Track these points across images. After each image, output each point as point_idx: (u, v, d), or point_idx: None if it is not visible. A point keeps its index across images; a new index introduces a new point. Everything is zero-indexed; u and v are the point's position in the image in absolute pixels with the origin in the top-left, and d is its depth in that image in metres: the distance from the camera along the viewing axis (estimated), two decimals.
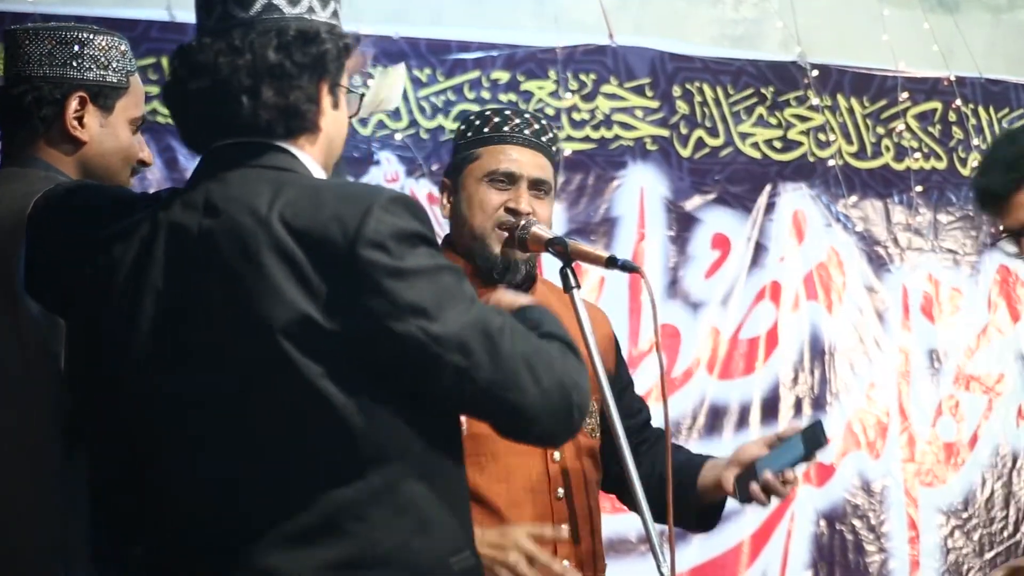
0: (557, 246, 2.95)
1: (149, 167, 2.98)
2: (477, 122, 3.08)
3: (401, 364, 2.13)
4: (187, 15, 4.68)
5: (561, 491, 2.97)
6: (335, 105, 2.27)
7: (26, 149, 2.70)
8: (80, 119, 2.70)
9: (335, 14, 2.29)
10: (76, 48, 2.70)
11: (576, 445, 3.02)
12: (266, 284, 2.09)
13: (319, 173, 2.25)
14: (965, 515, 5.54)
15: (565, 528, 2.96)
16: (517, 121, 3.05)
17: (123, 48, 2.76)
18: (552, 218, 3.08)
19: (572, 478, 3.00)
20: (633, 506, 2.90)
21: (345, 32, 2.27)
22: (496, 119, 3.06)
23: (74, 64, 2.70)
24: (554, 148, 3.10)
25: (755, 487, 3.04)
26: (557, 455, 2.98)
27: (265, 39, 2.19)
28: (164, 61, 4.70)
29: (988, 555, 5.56)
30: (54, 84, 2.68)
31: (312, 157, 2.25)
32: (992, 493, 5.61)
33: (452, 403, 2.21)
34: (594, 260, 2.97)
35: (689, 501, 3.05)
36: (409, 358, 2.12)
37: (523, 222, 2.98)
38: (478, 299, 2.20)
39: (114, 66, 2.73)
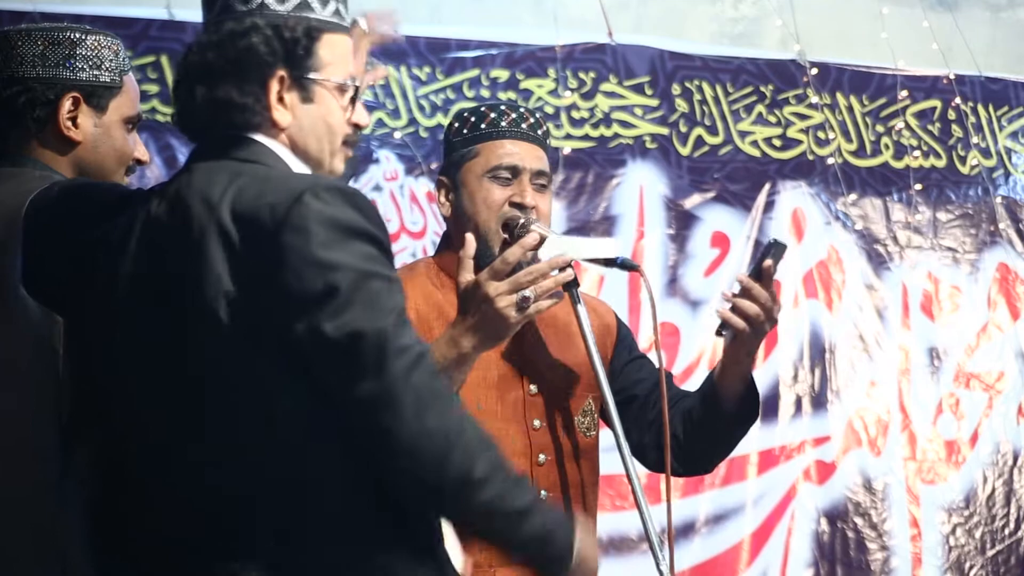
0: None
1: (146, 165, 2.95)
2: (472, 118, 3.06)
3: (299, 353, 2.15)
4: (186, 13, 4.71)
5: (544, 493, 2.93)
6: (305, 99, 2.30)
7: (20, 150, 2.69)
8: (74, 119, 2.69)
9: (300, 6, 2.30)
10: (68, 48, 2.69)
11: (567, 448, 3.00)
12: (206, 267, 2.16)
13: (296, 164, 2.30)
14: (967, 513, 5.54)
15: None
16: (513, 116, 3.04)
17: (116, 47, 2.75)
18: (551, 210, 3.08)
19: (557, 480, 2.97)
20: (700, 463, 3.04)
21: (317, 25, 2.30)
22: (492, 115, 3.05)
23: (67, 64, 2.69)
24: (548, 141, 3.11)
25: (723, 310, 2.99)
26: (543, 457, 2.96)
27: (216, 36, 2.28)
28: (164, 59, 4.71)
29: (990, 552, 5.57)
30: (47, 85, 2.68)
31: (287, 148, 2.30)
32: (993, 491, 5.61)
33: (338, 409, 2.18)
34: (593, 258, 2.97)
35: (720, 408, 3.05)
36: (300, 351, 2.13)
37: (522, 220, 2.97)
38: (404, 315, 2.16)
39: (107, 65, 2.72)
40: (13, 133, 2.70)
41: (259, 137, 2.28)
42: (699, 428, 3.03)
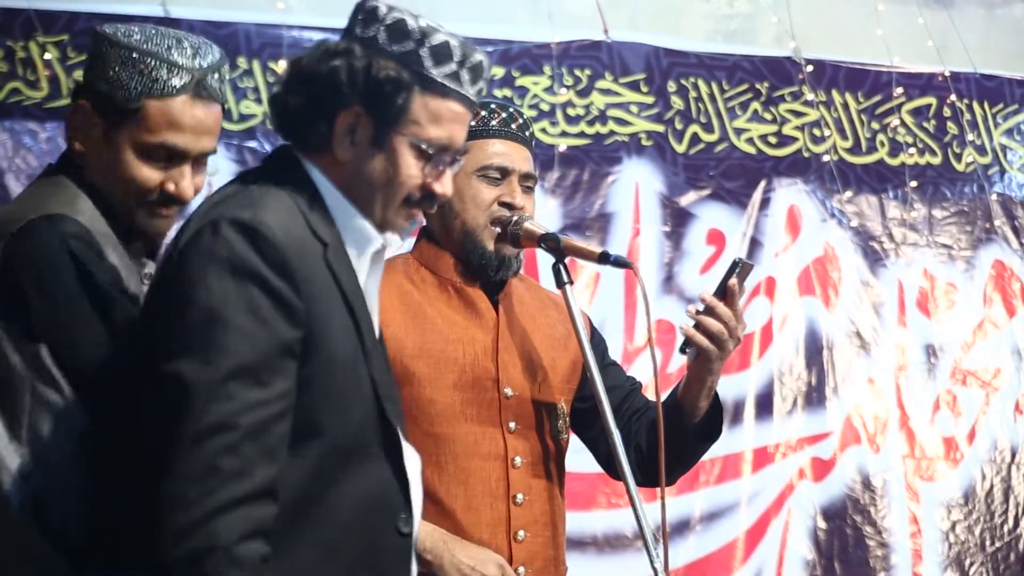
0: (550, 242, 2.94)
1: (184, 203, 2.57)
2: None
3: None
4: (182, 11, 4.71)
5: (521, 496, 2.94)
6: (376, 144, 2.25)
7: (69, 157, 2.58)
8: (83, 132, 2.53)
9: (409, 55, 2.25)
10: (93, 55, 2.53)
11: (542, 450, 2.99)
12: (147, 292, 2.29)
13: (340, 202, 2.28)
14: (966, 509, 5.54)
15: (522, 533, 2.94)
16: (504, 115, 3.04)
17: (149, 66, 2.46)
18: (535, 211, 3.07)
19: (533, 483, 2.97)
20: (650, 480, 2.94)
21: (418, 80, 2.24)
22: (483, 112, 3.03)
23: (90, 71, 2.53)
24: (534, 143, 3.10)
25: (687, 328, 2.97)
26: (519, 460, 2.95)
27: (319, 49, 2.28)
28: None
29: (990, 549, 5.57)
30: (77, 90, 2.55)
31: (336, 183, 2.28)
32: (992, 487, 5.61)
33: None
34: (586, 256, 2.96)
35: (683, 423, 3.02)
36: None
37: (515, 218, 2.96)
38: (250, 369, 2.11)
39: (125, 83, 2.46)
40: None
41: (312, 163, 2.27)
42: (653, 450, 2.97)
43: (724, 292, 2.98)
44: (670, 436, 2.91)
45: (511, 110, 3.06)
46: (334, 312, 2.22)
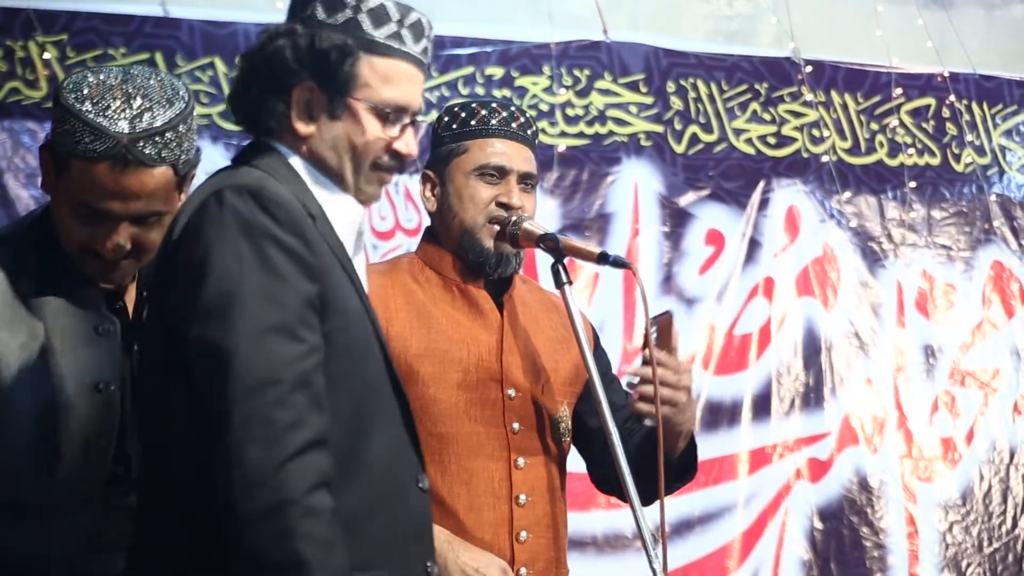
0: (548, 242, 2.93)
1: (118, 254, 2.47)
2: (463, 114, 3.04)
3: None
4: (181, 10, 4.71)
5: (523, 497, 2.94)
6: (333, 115, 2.27)
7: None
8: (43, 174, 2.52)
9: (349, 23, 2.28)
10: (58, 108, 2.45)
11: (545, 451, 2.99)
12: (156, 275, 2.29)
13: (316, 177, 2.30)
14: (963, 510, 5.54)
15: (525, 534, 2.94)
16: (504, 114, 3.03)
17: (75, 128, 2.39)
18: (536, 211, 3.06)
19: (536, 484, 2.96)
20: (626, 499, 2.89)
21: (362, 44, 2.27)
22: (483, 112, 3.03)
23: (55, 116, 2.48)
24: (536, 142, 3.09)
25: (636, 405, 2.89)
26: (521, 461, 2.95)
27: (262, 37, 2.33)
28: (158, 56, 4.70)
29: (987, 550, 5.57)
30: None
31: (306, 160, 2.30)
32: (990, 488, 5.61)
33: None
34: (585, 256, 2.95)
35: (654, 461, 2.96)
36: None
37: (514, 218, 2.96)
38: (281, 325, 2.13)
39: (58, 139, 2.42)
40: None
41: (279, 145, 2.29)
42: (638, 473, 2.90)
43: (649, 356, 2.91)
44: (647, 474, 2.85)
45: (512, 109, 3.06)
46: (339, 273, 2.24)
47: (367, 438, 2.23)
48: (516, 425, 2.96)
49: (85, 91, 2.41)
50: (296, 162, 2.29)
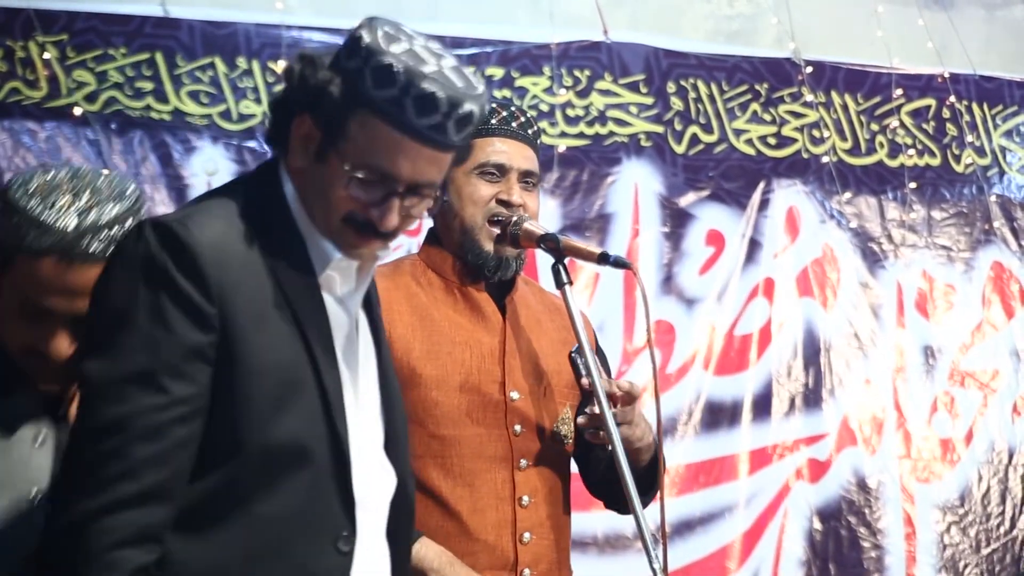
0: (549, 242, 2.93)
1: (60, 355, 2.35)
2: None
3: None
4: (180, 10, 4.71)
5: (526, 499, 2.94)
6: (320, 158, 2.19)
7: None
8: None
9: (354, 72, 2.16)
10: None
11: (547, 453, 2.99)
12: None
13: (301, 209, 2.24)
14: (961, 511, 5.54)
15: (528, 536, 2.94)
16: (504, 114, 3.03)
17: (20, 222, 2.31)
18: (539, 209, 3.06)
19: (539, 486, 2.96)
20: (620, 508, 2.89)
21: (360, 101, 2.15)
22: None
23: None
24: (538, 141, 3.09)
25: (592, 438, 2.90)
26: (524, 463, 2.95)
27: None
28: (158, 56, 4.70)
29: (985, 551, 5.57)
30: None
31: (296, 191, 2.24)
32: (988, 489, 5.61)
33: None
34: (586, 256, 2.95)
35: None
36: None
37: (515, 218, 2.96)
38: (148, 376, 2.08)
39: (3, 233, 2.34)
40: None
41: (282, 170, 2.25)
42: (610, 486, 2.95)
43: (585, 389, 2.89)
44: (612, 489, 2.87)
45: (512, 108, 3.06)
46: (269, 321, 2.16)
47: (266, 492, 2.15)
48: (518, 427, 2.95)
49: (32, 187, 2.35)
50: (290, 191, 2.24)
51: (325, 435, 2.20)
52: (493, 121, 3.01)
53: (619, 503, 2.93)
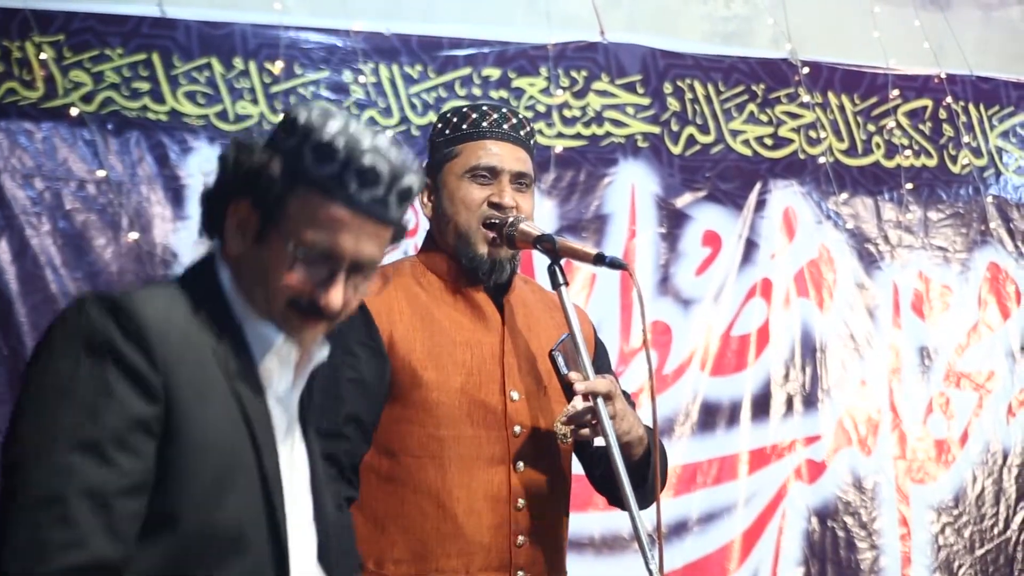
0: (545, 243, 2.93)
1: None
2: (454, 119, 3.04)
3: None
4: (177, 11, 4.71)
5: (522, 502, 2.93)
6: (260, 239, 2.13)
7: None
8: None
9: (293, 150, 2.10)
10: None
11: (545, 454, 2.98)
12: None
13: (233, 294, 2.18)
14: (956, 512, 5.54)
15: (522, 539, 2.94)
16: (495, 116, 3.02)
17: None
18: (534, 210, 3.06)
19: (535, 489, 2.96)
20: (623, 505, 2.89)
21: (299, 180, 2.09)
22: (474, 115, 3.03)
23: None
24: (531, 142, 3.08)
25: (584, 434, 2.92)
26: (521, 465, 2.94)
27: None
28: (155, 57, 4.70)
29: (979, 552, 5.57)
30: None
31: (232, 276, 2.18)
32: (983, 490, 5.61)
33: None
34: (582, 257, 2.95)
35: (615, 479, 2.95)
36: None
37: (511, 219, 2.95)
38: (88, 445, 2.00)
39: None
40: None
41: (217, 257, 2.19)
42: (611, 481, 2.94)
43: (569, 385, 2.90)
44: (614, 486, 2.88)
45: (504, 111, 3.05)
46: (212, 399, 2.11)
47: (204, 572, 2.08)
48: (517, 428, 2.95)
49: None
50: (226, 279, 2.17)
51: (264, 523, 2.14)
52: (484, 124, 3.01)
53: (622, 500, 2.92)
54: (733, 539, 5.24)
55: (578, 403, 2.87)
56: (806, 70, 5.45)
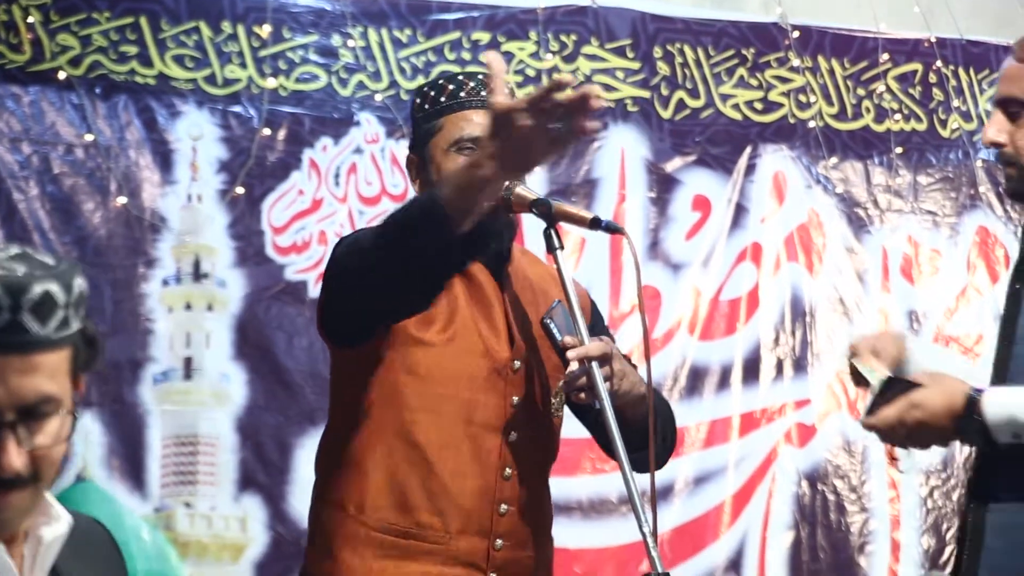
0: (541, 207, 2.91)
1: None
2: (432, 92, 2.99)
3: None
4: None
5: (509, 471, 2.92)
6: None
7: None
8: None
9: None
10: None
11: (538, 425, 2.98)
12: None
13: None
14: (944, 475, 5.56)
15: (505, 507, 2.92)
16: (472, 84, 2.97)
17: None
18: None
19: (524, 459, 2.94)
20: (638, 466, 2.88)
21: None
22: (451, 86, 2.97)
23: None
24: None
25: (587, 397, 2.87)
26: (514, 434, 2.92)
27: None
28: (143, 20, 4.68)
29: None
30: None
31: None
32: (970, 454, 5.62)
33: None
34: (578, 221, 2.94)
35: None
36: None
37: (506, 183, 2.95)
38: None
39: None
40: None
41: None
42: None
43: (564, 350, 2.88)
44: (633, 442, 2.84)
45: (480, 77, 2.97)
46: None
47: None
48: (516, 399, 2.94)
49: None
50: None
51: None
52: (462, 94, 2.96)
53: (636, 462, 2.91)
54: (723, 502, 5.26)
55: (575, 367, 2.86)
56: (796, 34, 5.43)
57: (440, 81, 3.02)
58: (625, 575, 5.03)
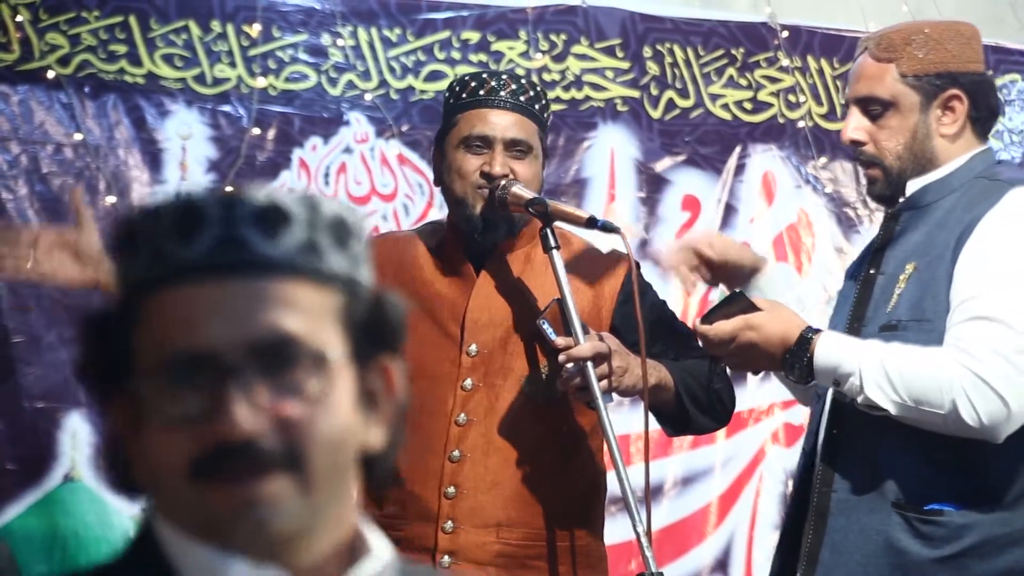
0: (537, 206, 2.96)
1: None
2: (456, 88, 3.10)
3: None
4: None
5: (457, 453, 2.98)
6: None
7: None
8: None
9: None
10: None
11: (503, 410, 3.01)
12: None
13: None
14: None
15: (453, 490, 2.97)
16: (492, 84, 3.06)
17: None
18: (538, 175, 3.08)
19: (478, 442, 2.99)
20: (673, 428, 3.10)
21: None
22: (473, 83, 3.08)
23: None
24: (536, 107, 3.09)
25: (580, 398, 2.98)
26: (464, 417, 2.99)
27: None
28: (132, 19, 4.67)
29: None
30: None
31: None
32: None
33: None
34: (574, 220, 2.97)
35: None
36: None
37: (503, 182, 2.98)
38: None
39: None
40: None
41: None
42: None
43: (556, 351, 2.94)
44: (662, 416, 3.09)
45: (503, 77, 3.10)
46: None
47: None
48: (468, 382, 3.00)
49: None
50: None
51: None
52: (481, 92, 3.07)
53: (673, 423, 3.13)
54: (710, 502, 5.26)
55: (569, 368, 2.88)
56: (785, 34, 5.44)
57: (466, 77, 3.13)
58: (616, 575, 5.03)
